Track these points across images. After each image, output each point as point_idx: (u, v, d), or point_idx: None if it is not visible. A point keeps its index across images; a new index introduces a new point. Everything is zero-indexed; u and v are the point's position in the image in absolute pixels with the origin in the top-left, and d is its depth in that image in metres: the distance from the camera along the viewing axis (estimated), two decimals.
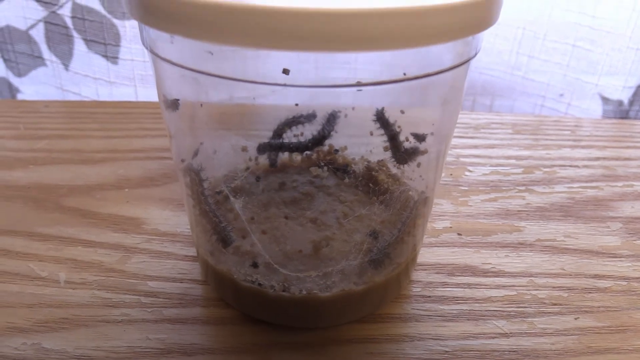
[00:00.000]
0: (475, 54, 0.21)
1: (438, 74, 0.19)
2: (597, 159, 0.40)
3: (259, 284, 0.23)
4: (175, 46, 0.18)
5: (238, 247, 0.24)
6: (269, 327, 0.24)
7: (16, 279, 0.27)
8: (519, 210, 0.33)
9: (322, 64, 0.20)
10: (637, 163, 0.40)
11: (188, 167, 0.23)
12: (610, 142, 0.42)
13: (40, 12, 0.50)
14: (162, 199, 0.33)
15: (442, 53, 0.19)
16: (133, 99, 0.51)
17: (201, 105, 0.21)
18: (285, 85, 0.17)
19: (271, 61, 0.18)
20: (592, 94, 0.52)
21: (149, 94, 0.51)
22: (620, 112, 0.52)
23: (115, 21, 0.49)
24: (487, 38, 0.52)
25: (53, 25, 0.50)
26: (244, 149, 0.28)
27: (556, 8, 0.49)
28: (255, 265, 0.23)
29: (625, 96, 0.52)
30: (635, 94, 0.52)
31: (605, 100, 0.52)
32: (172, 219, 0.31)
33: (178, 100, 0.21)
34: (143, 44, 0.20)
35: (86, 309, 0.25)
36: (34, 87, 0.55)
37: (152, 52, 0.19)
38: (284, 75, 0.19)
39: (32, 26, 0.51)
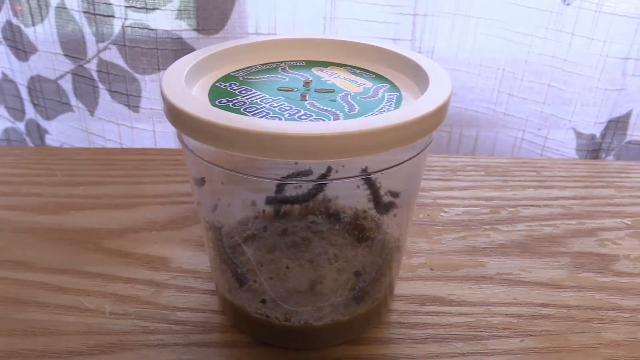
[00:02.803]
0: (429, 143, 0.27)
1: (399, 165, 0.26)
2: (557, 198, 0.46)
3: (267, 316, 0.29)
4: (204, 146, 0.24)
5: (250, 286, 0.30)
6: (276, 349, 0.30)
7: (70, 311, 0.33)
8: (483, 247, 0.39)
9: None
10: (591, 202, 0.46)
11: (211, 226, 0.29)
12: (570, 183, 0.49)
13: (68, 65, 0.57)
14: (184, 240, 0.39)
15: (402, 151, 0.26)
16: (152, 140, 0.58)
17: (222, 183, 0.28)
18: (281, 181, 0.24)
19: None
20: (566, 129, 0.57)
21: (166, 135, 0.58)
22: (593, 144, 0.58)
23: (137, 75, 0.55)
24: (470, 77, 0.58)
25: (80, 77, 0.57)
26: (253, 203, 0.34)
27: (532, 52, 0.55)
28: (263, 301, 0.29)
29: (597, 130, 0.57)
30: (606, 128, 0.58)
31: (578, 134, 0.58)
32: (194, 258, 0.37)
33: (204, 178, 0.28)
34: (178, 138, 0.26)
35: (129, 335, 0.31)
36: (60, 129, 0.61)
37: (185, 146, 0.26)
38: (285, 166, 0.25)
39: (61, 77, 0.58)
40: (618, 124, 0.58)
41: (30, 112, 0.62)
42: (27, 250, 0.38)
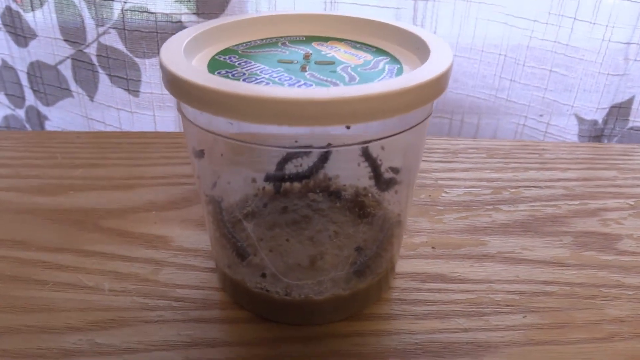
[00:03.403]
0: (430, 115, 0.27)
1: (402, 133, 0.25)
2: (559, 180, 0.46)
3: (267, 290, 0.29)
4: (204, 115, 0.24)
5: (250, 261, 0.30)
6: (276, 325, 0.30)
7: (69, 289, 0.33)
8: (485, 227, 0.39)
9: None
10: (594, 183, 0.46)
11: (211, 199, 0.29)
12: (572, 165, 0.48)
13: (67, 49, 0.56)
14: (183, 220, 0.39)
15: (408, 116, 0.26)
16: (152, 125, 0.57)
17: (222, 155, 0.28)
18: (285, 148, 0.24)
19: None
20: (569, 115, 0.57)
21: (165, 120, 0.58)
22: (595, 130, 0.58)
23: (136, 59, 0.55)
24: (472, 64, 0.58)
25: (79, 62, 0.57)
26: (254, 180, 0.34)
27: (534, 37, 0.54)
28: (263, 275, 0.29)
29: (599, 116, 0.57)
30: (608, 114, 0.57)
31: (580, 120, 0.57)
32: (193, 237, 0.37)
33: (203, 150, 0.27)
34: (177, 109, 0.26)
35: (128, 312, 0.31)
36: (60, 115, 0.61)
37: (185, 117, 0.26)
38: (286, 141, 0.25)
39: (60, 62, 0.58)
40: (620, 110, 0.57)
41: (30, 98, 0.62)
42: (26, 230, 0.38)
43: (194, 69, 0.24)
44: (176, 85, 0.23)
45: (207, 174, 0.30)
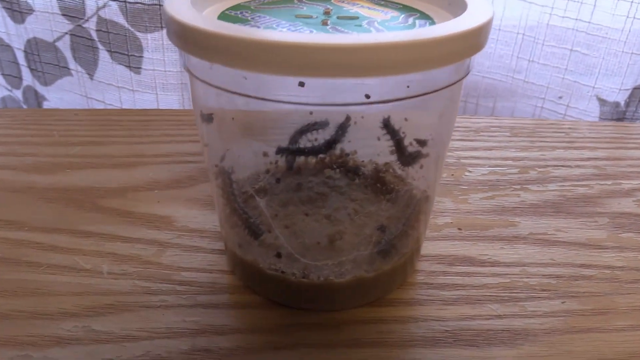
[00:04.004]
0: (467, 74, 0.24)
1: (436, 92, 0.22)
2: (589, 159, 0.43)
3: (282, 272, 0.26)
4: (214, 71, 0.21)
5: (263, 240, 0.27)
6: (290, 311, 0.27)
7: (64, 271, 0.30)
8: (514, 207, 0.36)
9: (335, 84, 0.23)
10: (626, 163, 0.43)
11: (220, 170, 0.26)
12: (601, 144, 0.45)
13: (66, 25, 0.53)
14: (189, 199, 0.36)
15: (439, 74, 0.23)
16: (154, 106, 0.54)
17: (232, 118, 0.25)
18: (304, 104, 0.21)
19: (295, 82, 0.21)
20: (589, 96, 0.54)
21: (169, 100, 0.55)
22: (617, 113, 0.55)
23: (138, 34, 0.52)
24: (488, 43, 0.55)
25: (79, 37, 0.54)
26: (265, 154, 0.31)
27: (554, 15, 0.52)
28: (279, 255, 0.26)
29: (621, 98, 0.54)
30: (631, 96, 0.54)
31: (602, 102, 0.54)
32: (200, 217, 0.34)
33: (212, 114, 0.24)
34: (182, 66, 0.23)
35: (128, 296, 0.28)
36: (59, 95, 0.58)
37: (191, 74, 0.23)
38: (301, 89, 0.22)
39: (59, 38, 0.55)
40: None
41: (27, 78, 0.59)
42: (20, 210, 0.35)
43: (203, 17, 0.21)
44: (183, 34, 0.20)
45: (216, 142, 0.27)
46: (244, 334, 0.26)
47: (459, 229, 0.34)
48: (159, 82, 0.54)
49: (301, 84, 0.22)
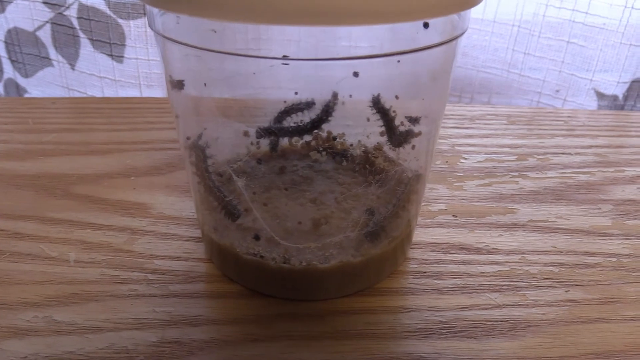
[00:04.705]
0: (462, 34, 0.22)
1: (428, 49, 0.20)
2: (590, 147, 0.41)
3: (261, 256, 0.24)
4: (181, 26, 0.19)
5: (240, 223, 0.25)
6: (270, 300, 0.25)
7: (27, 259, 0.28)
8: (512, 194, 0.34)
9: (321, 43, 0.21)
10: (629, 150, 0.41)
11: (193, 144, 0.24)
12: (602, 132, 0.43)
13: (47, 13, 0.51)
14: (167, 186, 0.34)
15: (430, 31, 0.21)
16: (137, 94, 0.52)
17: (205, 84, 0.23)
18: (285, 58, 0.19)
19: (271, 37, 0.19)
20: (587, 90, 0.53)
21: (154, 93, 0.53)
22: (615, 106, 0.53)
23: (121, 21, 0.50)
24: (483, 36, 0.53)
25: (60, 26, 0.52)
26: (246, 134, 0.29)
27: (550, 6, 0.50)
28: (257, 237, 0.24)
29: (619, 91, 0.52)
30: (629, 89, 0.53)
31: (600, 95, 0.53)
32: (177, 204, 0.32)
33: (183, 80, 0.22)
34: (150, 26, 0.21)
35: (95, 285, 0.26)
36: (40, 88, 0.56)
37: (159, 34, 0.20)
38: (283, 50, 0.20)
39: (39, 27, 0.53)
40: None
41: (8, 70, 0.56)
42: None
43: None
44: None
45: (188, 112, 0.25)
46: (220, 325, 0.24)
47: (454, 216, 0.32)
48: (142, 71, 0.52)
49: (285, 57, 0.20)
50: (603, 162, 0.39)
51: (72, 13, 0.51)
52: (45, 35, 0.53)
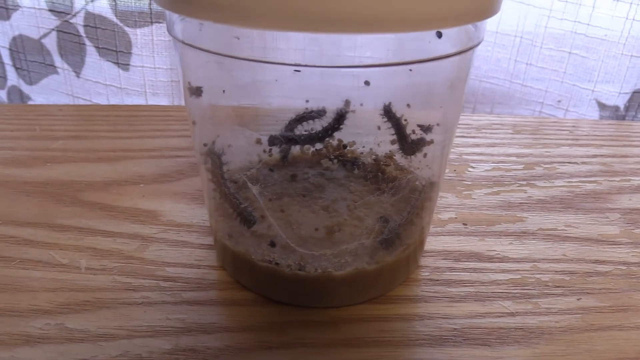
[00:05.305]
0: (478, 44, 0.22)
1: (443, 59, 0.20)
2: (595, 156, 0.41)
3: (276, 263, 0.24)
4: (204, 33, 0.19)
5: (255, 229, 0.25)
6: (284, 307, 0.25)
7: (38, 266, 0.28)
8: (521, 203, 0.34)
9: (333, 52, 0.21)
10: (634, 160, 0.41)
11: (210, 151, 0.24)
12: (607, 141, 0.44)
13: (53, 21, 0.51)
14: (176, 193, 0.34)
15: (446, 41, 0.21)
16: (143, 102, 0.52)
17: (223, 91, 0.23)
18: (303, 65, 0.19)
19: (285, 46, 0.19)
20: (589, 100, 0.53)
21: (159, 101, 0.53)
22: (617, 117, 0.53)
23: (127, 29, 0.50)
24: (485, 47, 0.54)
25: (66, 33, 0.52)
26: (258, 141, 0.29)
27: (552, 17, 0.50)
28: (272, 244, 0.24)
29: (621, 102, 0.53)
30: (630, 100, 0.53)
31: (601, 106, 0.53)
32: (187, 211, 0.32)
33: (201, 87, 0.22)
34: (169, 32, 0.21)
35: (107, 292, 0.26)
36: (44, 95, 0.56)
37: (179, 40, 0.21)
38: (298, 59, 0.20)
39: (45, 35, 0.53)
40: None
41: (12, 77, 0.56)
42: None
43: None
44: None
45: (205, 120, 0.25)
46: (234, 333, 0.24)
47: (464, 224, 0.32)
48: (148, 79, 0.52)
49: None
50: (609, 172, 0.39)
51: (78, 21, 0.51)
52: (50, 42, 0.53)
